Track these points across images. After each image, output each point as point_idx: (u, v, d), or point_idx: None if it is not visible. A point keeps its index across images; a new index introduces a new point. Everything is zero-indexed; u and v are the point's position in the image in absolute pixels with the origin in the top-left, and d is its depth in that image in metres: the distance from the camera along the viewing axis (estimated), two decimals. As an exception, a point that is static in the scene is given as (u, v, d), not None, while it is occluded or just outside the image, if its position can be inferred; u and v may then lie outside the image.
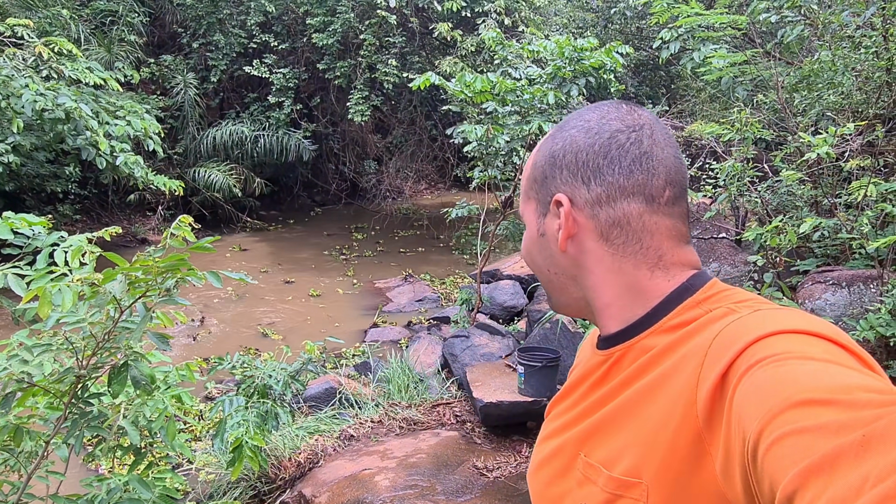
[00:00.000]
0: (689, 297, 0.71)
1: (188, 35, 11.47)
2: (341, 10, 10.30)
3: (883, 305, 2.95)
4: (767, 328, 0.57)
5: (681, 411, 0.62)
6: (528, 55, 5.62)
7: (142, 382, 1.53)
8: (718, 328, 0.63)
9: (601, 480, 0.69)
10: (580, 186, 0.75)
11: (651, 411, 0.66)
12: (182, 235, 1.33)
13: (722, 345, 0.60)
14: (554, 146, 0.78)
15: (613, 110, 0.76)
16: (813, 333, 0.56)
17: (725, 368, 0.57)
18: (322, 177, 13.42)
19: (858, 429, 0.40)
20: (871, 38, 4.36)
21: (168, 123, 10.95)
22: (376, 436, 4.34)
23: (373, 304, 8.14)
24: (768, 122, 5.26)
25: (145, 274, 1.17)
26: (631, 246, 0.74)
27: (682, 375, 0.64)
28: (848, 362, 0.53)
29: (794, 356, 0.52)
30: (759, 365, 0.53)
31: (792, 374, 0.50)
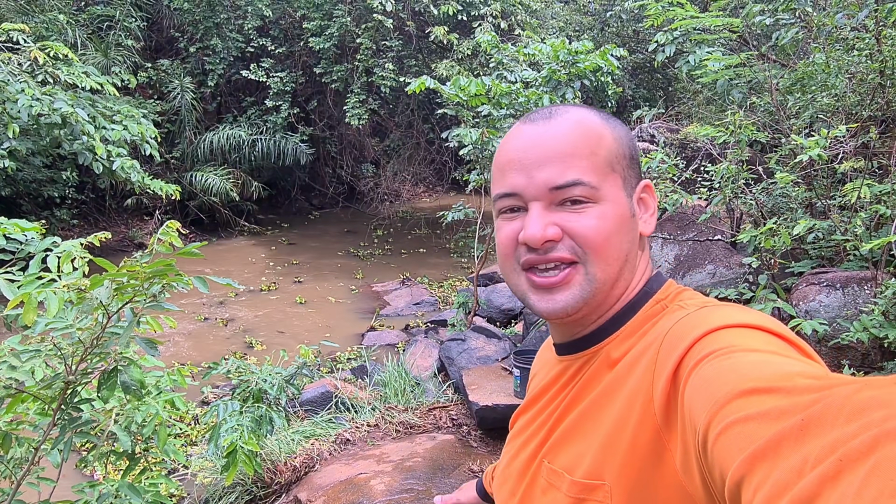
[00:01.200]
0: (650, 300, 0.74)
1: (185, 39, 11.49)
2: (338, 15, 10.32)
3: (876, 307, 2.95)
4: (713, 323, 0.59)
5: (638, 410, 0.63)
6: (523, 58, 5.63)
7: (132, 388, 1.53)
8: (668, 326, 0.65)
9: (564, 486, 0.69)
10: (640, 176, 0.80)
11: (609, 413, 0.67)
12: (169, 241, 1.33)
13: (672, 342, 0.62)
14: (628, 133, 0.80)
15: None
16: (755, 327, 0.58)
17: (676, 365, 0.59)
18: (319, 180, 13.43)
19: (798, 413, 0.41)
20: (864, 41, 4.38)
21: (165, 128, 10.95)
22: (372, 440, 4.33)
23: (370, 307, 8.14)
24: (763, 125, 5.27)
25: (132, 279, 1.17)
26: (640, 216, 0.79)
27: (636, 374, 0.65)
28: (788, 352, 0.54)
29: (739, 349, 0.54)
30: (707, 359, 0.55)
31: (737, 365, 0.51)
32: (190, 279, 1.24)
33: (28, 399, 1.56)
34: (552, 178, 0.71)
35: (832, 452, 0.36)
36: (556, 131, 0.73)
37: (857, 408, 0.38)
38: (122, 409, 1.91)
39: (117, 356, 1.51)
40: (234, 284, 1.37)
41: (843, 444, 0.36)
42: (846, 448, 0.35)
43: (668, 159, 4.37)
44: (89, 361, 1.40)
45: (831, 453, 0.36)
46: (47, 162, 8.97)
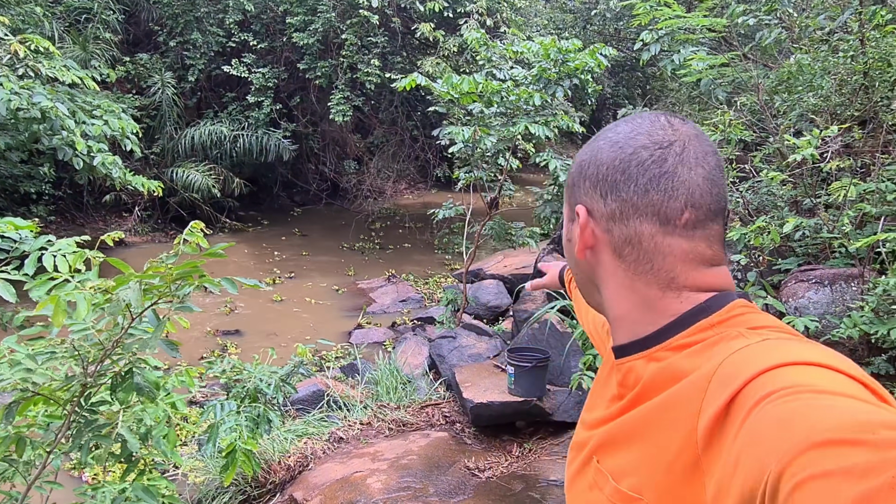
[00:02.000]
0: (704, 319, 0.70)
1: (165, 33, 11.30)
2: (322, 10, 10.23)
3: (866, 304, 3.02)
4: (775, 359, 0.56)
5: (682, 436, 0.62)
6: (511, 56, 5.64)
7: (145, 390, 1.51)
8: (723, 355, 0.62)
9: (607, 489, 0.70)
10: (598, 199, 0.75)
11: (656, 432, 0.67)
12: (196, 241, 1.32)
13: (726, 373, 0.59)
14: (583, 156, 0.79)
15: (647, 124, 0.74)
16: (823, 365, 0.55)
17: (729, 399, 0.56)
18: (302, 177, 13.32)
19: (887, 471, 0.39)
20: (848, 43, 4.47)
21: (145, 123, 10.77)
22: (366, 438, 4.33)
23: (356, 305, 8.11)
24: (748, 124, 5.35)
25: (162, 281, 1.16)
26: (642, 265, 0.73)
27: (685, 401, 0.64)
28: (862, 395, 0.51)
29: (807, 389, 0.51)
30: (770, 399, 0.52)
31: (807, 409, 0.48)
32: (219, 281, 1.23)
33: (40, 401, 1.53)
34: None
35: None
36: None
37: None
38: (129, 410, 1.89)
39: (132, 357, 1.49)
40: (261, 285, 1.35)
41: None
42: None
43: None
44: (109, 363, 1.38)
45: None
46: (24, 157, 8.78)
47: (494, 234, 5.72)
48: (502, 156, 5.18)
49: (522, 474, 3.66)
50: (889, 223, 3.73)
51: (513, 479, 3.62)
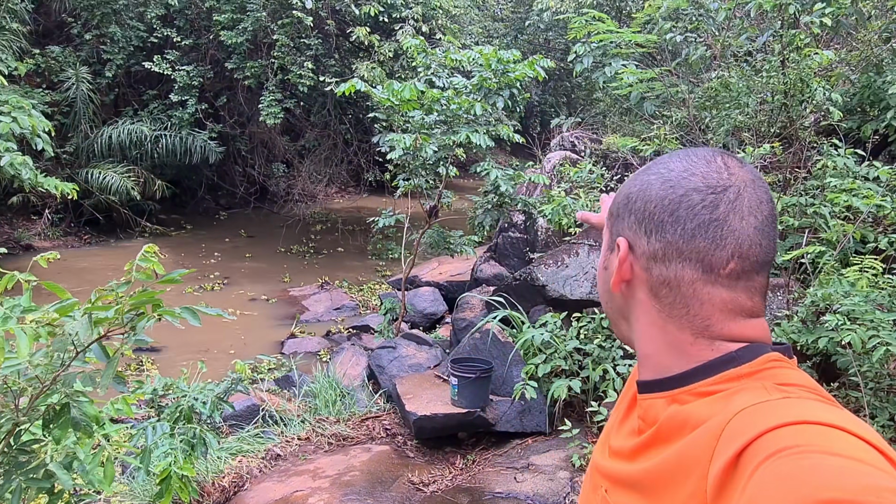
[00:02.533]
0: (733, 368, 0.69)
1: (79, 25, 10.65)
2: (252, 9, 9.91)
3: (796, 315, 3.18)
4: (790, 416, 0.56)
5: (692, 484, 0.61)
6: (450, 64, 5.64)
7: (83, 424, 1.38)
8: (740, 406, 0.62)
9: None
10: (642, 236, 0.73)
11: (667, 478, 0.66)
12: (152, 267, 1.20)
13: (740, 425, 0.59)
14: (632, 187, 0.77)
15: (703, 164, 0.72)
16: (841, 428, 0.55)
17: (740, 450, 0.56)
18: (228, 179, 12.86)
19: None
20: (770, 63, 4.72)
21: (56, 120, 10.09)
22: (304, 454, 4.19)
23: (288, 313, 7.88)
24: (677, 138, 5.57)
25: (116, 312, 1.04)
26: (677, 309, 0.71)
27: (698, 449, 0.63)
28: (876, 462, 0.51)
29: (819, 450, 0.51)
30: (780, 454, 0.52)
31: (816, 468, 0.49)
32: (180, 312, 1.12)
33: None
34: None
35: None
36: None
37: None
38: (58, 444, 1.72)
39: (70, 391, 1.35)
40: (225, 315, 1.25)
41: None
42: None
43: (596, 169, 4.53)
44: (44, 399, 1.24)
45: None
46: (-83, 155, 8.02)
47: (433, 241, 5.69)
48: (443, 164, 5.16)
49: (467, 487, 3.63)
50: (810, 236, 3.96)
51: (458, 492, 3.58)
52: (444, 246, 5.76)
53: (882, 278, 2.93)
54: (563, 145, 6.68)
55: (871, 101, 5.15)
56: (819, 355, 3.31)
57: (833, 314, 2.75)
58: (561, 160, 5.88)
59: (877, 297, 2.84)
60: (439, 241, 5.68)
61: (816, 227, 3.97)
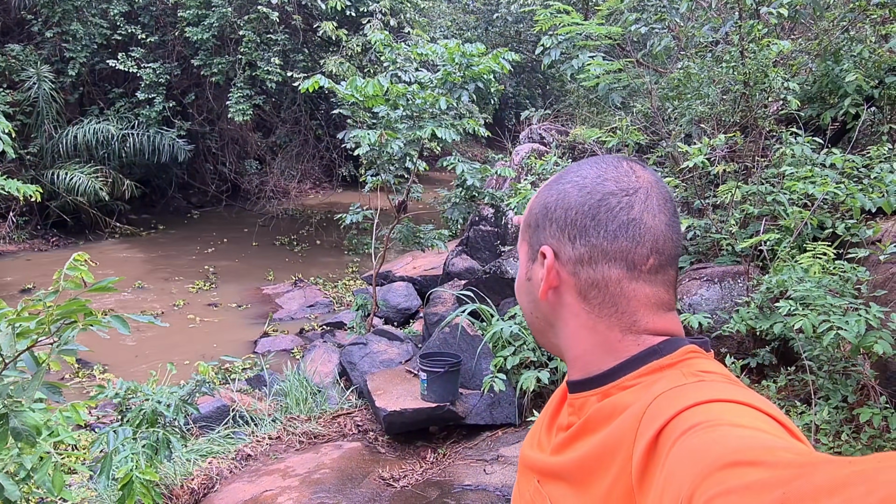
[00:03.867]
0: (655, 360, 0.73)
1: (39, 23, 10.41)
2: (217, 4, 9.77)
3: (752, 301, 3.24)
4: (703, 396, 0.60)
5: (618, 466, 0.65)
6: (416, 58, 5.62)
7: (24, 434, 1.36)
8: (659, 390, 0.66)
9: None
10: (566, 243, 0.76)
11: (595, 465, 0.69)
12: (80, 276, 1.19)
13: (659, 407, 0.63)
14: (548, 197, 0.79)
15: (612, 169, 0.76)
16: (745, 403, 0.59)
17: (659, 430, 0.60)
18: (199, 178, 12.70)
19: (780, 487, 0.41)
20: (729, 54, 4.78)
21: (18, 120, 9.88)
22: (275, 453, 4.18)
23: (261, 312, 7.82)
24: (642, 128, 5.62)
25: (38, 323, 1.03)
26: (607, 308, 0.75)
27: (621, 434, 0.67)
28: (774, 430, 0.56)
29: (726, 423, 0.55)
30: (693, 430, 0.56)
31: (722, 438, 0.53)
32: (109, 321, 1.11)
33: None
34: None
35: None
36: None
37: (838, 483, 0.39)
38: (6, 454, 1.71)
39: (7, 401, 1.34)
40: (158, 322, 1.25)
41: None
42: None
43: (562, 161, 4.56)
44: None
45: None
46: None
47: (403, 236, 5.68)
48: (410, 159, 5.15)
49: (437, 481, 3.65)
50: (769, 223, 4.03)
51: (428, 486, 3.60)
52: (415, 241, 5.76)
53: (833, 264, 3.00)
54: (531, 137, 6.71)
55: (830, 90, 5.24)
56: (777, 340, 3.38)
57: (786, 300, 2.80)
58: (528, 153, 5.91)
59: (829, 282, 2.90)
60: (409, 235, 5.68)
61: (776, 214, 4.04)
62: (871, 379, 3.02)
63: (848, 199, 3.56)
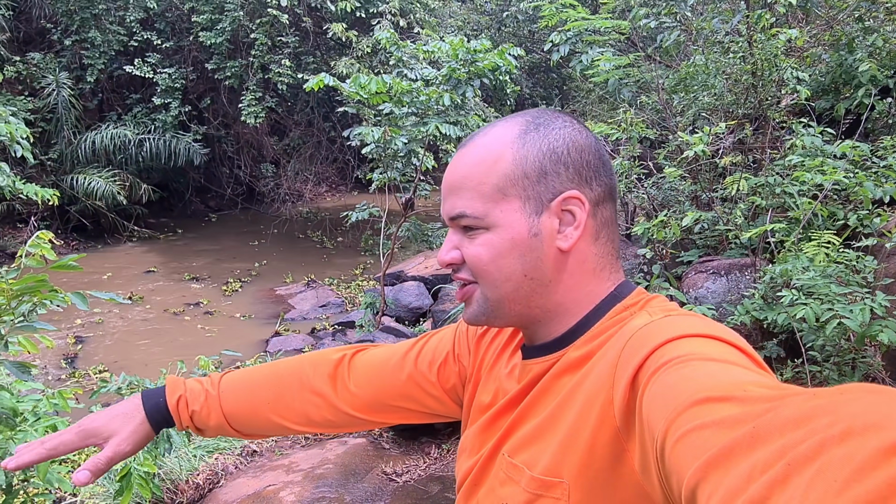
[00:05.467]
0: (618, 304, 0.75)
1: (59, 31, 10.62)
2: (230, 8, 9.89)
3: (756, 292, 3.18)
4: (674, 332, 0.61)
5: (598, 412, 0.65)
6: (423, 56, 5.63)
7: (3, 417, 1.37)
8: (631, 331, 0.67)
9: (523, 480, 0.71)
10: (584, 185, 0.74)
11: (569, 412, 0.69)
12: (41, 253, 1.20)
13: (633, 347, 0.63)
14: (553, 142, 0.75)
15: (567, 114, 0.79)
16: (713, 337, 0.60)
17: (636, 369, 0.60)
18: (216, 181, 12.85)
19: (750, 422, 0.42)
20: (738, 44, 4.71)
21: (39, 127, 10.09)
22: (280, 449, 4.19)
23: (274, 312, 7.88)
24: (652, 122, 5.56)
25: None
26: (608, 246, 0.77)
27: (597, 377, 0.67)
28: (742, 362, 0.57)
29: (697, 357, 0.56)
30: (666, 367, 0.56)
31: (694, 374, 0.53)
32: (67, 295, 1.12)
33: None
34: (447, 210, 0.78)
35: (781, 458, 0.37)
36: (459, 161, 0.78)
37: (804, 415, 0.39)
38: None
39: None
40: (118, 299, 1.25)
41: (791, 449, 0.37)
42: (793, 453, 0.37)
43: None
44: (-51, 391, 1.24)
45: (780, 459, 0.37)
46: None
47: (411, 235, 5.68)
48: (415, 156, 5.15)
49: (440, 476, 3.64)
50: (777, 215, 3.95)
51: (430, 481, 3.59)
52: (423, 239, 5.75)
53: (839, 253, 2.93)
54: (540, 134, 6.67)
55: (844, 81, 5.14)
56: (784, 332, 3.31)
57: (789, 290, 2.74)
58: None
59: (834, 271, 2.83)
60: (417, 234, 5.68)
61: (787, 206, 3.97)
62: (880, 370, 2.94)
63: (857, 188, 3.48)
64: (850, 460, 0.34)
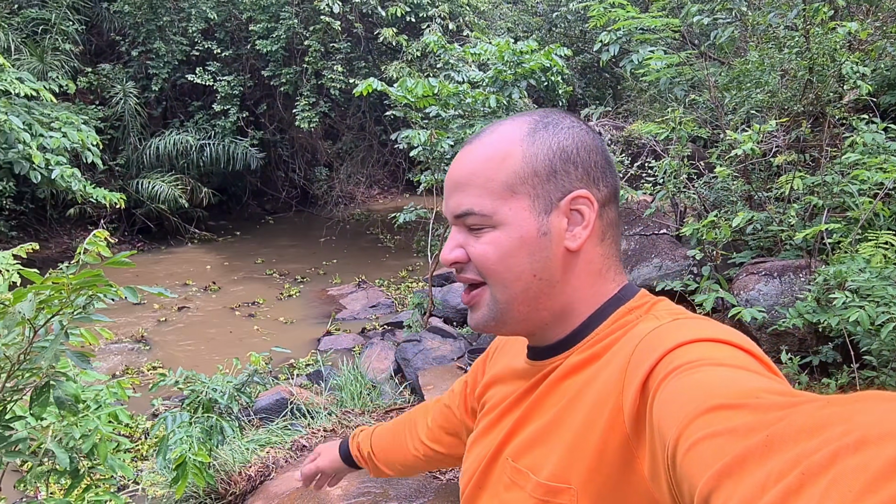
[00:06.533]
0: (622, 307, 0.74)
1: (127, 43, 11.16)
2: (285, 17, 10.18)
3: (809, 294, 3.08)
4: (683, 336, 0.60)
5: (607, 417, 0.63)
6: (470, 58, 5.67)
7: (66, 403, 1.48)
8: (640, 335, 0.65)
9: (529, 486, 0.70)
10: (592, 185, 0.74)
11: (576, 417, 0.67)
12: (97, 250, 1.30)
13: (643, 352, 0.62)
14: (562, 141, 0.74)
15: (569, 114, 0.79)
16: (723, 341, 0.59)
17: (646, 375, 0.59)
18: (272, 185, 13.23)
19: (763, 430, 0.42)
20: (794, 39, 4.56)
21: (108, 134, 10.62)
22: (329, 445, 4.30)
23: (325, 312, 8.06)
24: (704, 121, 5.44)
25: (57, 292, 1.14)
26: (613, 247, 0.76)
27: (606, 382, 0.66)
28: (753, 367, 0.56)
29: (707, 363, 0.55)
30: (676, 372, 0.56)
31: (705, 380, 0.52)
32: (119, 289, 1.21)
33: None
34: (452, 207, 0.76)
35: (795, 467, 0.37)
36: (466, 158, 0.76)
37: (818, 424, 0.39)
38: (59, 425, 1.86)
39: (49, 371, 1.46)
40: (167, 293, 1.34)
41: (805, 458, 0.37)
42: (808, 462, 0.36)
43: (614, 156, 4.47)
44: (20, 378, 1.35)
45: (794, 468, 0.37)
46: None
47: (458, 236, 5.72)
48: (462, 158, 5.19)
49: (483, 475, 3.66)
50: (835, 215, 3.81)
51: (473, 480, 3.62)
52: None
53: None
54: (588, 135, 6.62)
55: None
56: (840, 337, 3.19)
57: (842, 292, 2.65)
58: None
59: (892, 272, 2.72)
60: (464, 235, 5.70)
61: (846, 206, 3.82)
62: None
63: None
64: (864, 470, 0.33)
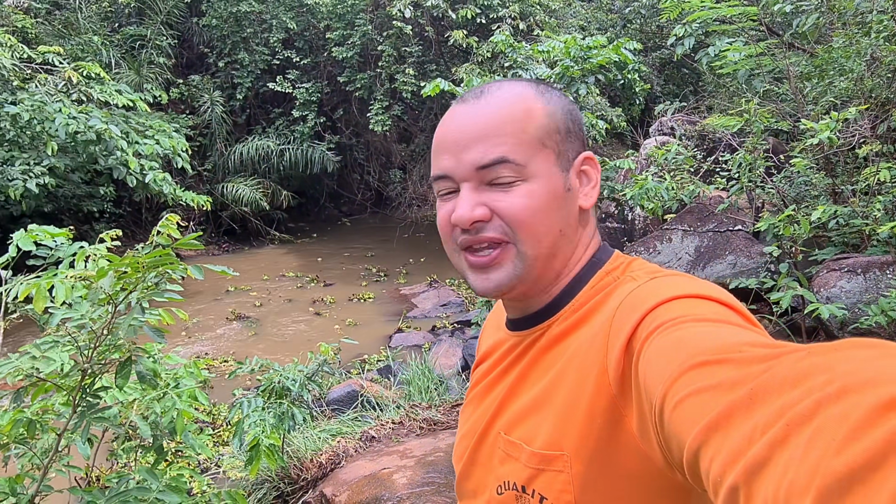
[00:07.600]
0: (600, 269, 0.75)
1: (214, 55, 11.82)
2: (359, 24, 10.50)
3: (894, 290, 2.90)
4: (663, 294, 0.61)
5: (593, 381, 0.64)
6: (539, 56, 5.66)
7: (147, 377, 1.62)
8: (620, 297, 0.67)
9: (523, 457, 0.70)
10: (584, 146, 0.79)
11: (563, 385, 0.68)
12: (168, 232, 1.43)
13: (624, 313, 0.63)
14: (565, 104, 0.77)
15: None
16: (702, 296, 0.60)
17: (629, 335, 0.60)
18: (348, 187, 13.63)
19: (747, 383, 0.42)
20: (883, 24, 4.30)
21: (197, 141, 11.28)
22: (397, 437, 4.41)
23: (397, 310, 8.24)
24: (785, 113, 5.20)
25: (133, 269, 1.26)
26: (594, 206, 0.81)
27: (590, 347, 0.67)
28: (734, 320, 0.56)
29: (689, 319, 0.56)
30: (659, 330, 0.56)
31: (688, 336, 0.53)
32: (187, 267, 1.33)
33: (51, 388, 1.67)
34: (478, 157, 0.71)
35: (779, 418, 0.37)
36: (483, 110, 0.73)
37: (800, 374, 0.39)
38: (143, 400, 2.02)
39: (132, 347, 1.61)
40: (229, 272, 1.45)
41: (789, 409, 0.37)
42: (792, 413, 0.37)
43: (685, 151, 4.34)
44: (104, 350, 1.50)
45: (779, 419, 0.38)
46: (86, 178, 9.33)
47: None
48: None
49: (546, 471, 3.66)
50: (926, 207, 3.56)
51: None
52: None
53: None
54: (661, 130, 6.46)
55: None
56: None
57: (928, 286, 2.49)
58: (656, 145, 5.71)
59: None
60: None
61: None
62: None
63: None
64: (846, 418, 0.34)
